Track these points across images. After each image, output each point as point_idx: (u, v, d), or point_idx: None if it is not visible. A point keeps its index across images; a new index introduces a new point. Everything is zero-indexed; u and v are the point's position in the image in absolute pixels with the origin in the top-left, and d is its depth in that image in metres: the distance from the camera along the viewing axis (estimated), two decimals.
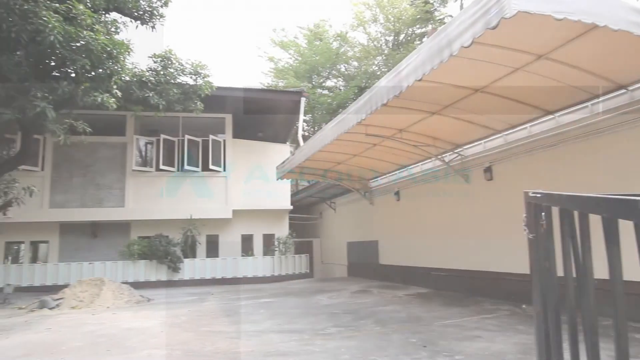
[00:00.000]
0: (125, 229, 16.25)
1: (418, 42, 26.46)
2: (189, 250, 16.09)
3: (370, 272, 15.24)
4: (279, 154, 17.30)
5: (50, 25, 9.19)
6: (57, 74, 10.94)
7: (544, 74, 6.11)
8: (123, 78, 12.17)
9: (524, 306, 7.72)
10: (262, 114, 18.05)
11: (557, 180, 7.62)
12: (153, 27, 13.55)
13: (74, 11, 9.80)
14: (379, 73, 27.39)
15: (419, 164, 11.73)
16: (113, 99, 11.27)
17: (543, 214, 2.15)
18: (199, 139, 16.62)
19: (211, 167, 16.46)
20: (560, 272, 2.07)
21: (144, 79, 13.55)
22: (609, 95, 6.62)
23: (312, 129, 30.12)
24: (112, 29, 12.24)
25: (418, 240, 12.19)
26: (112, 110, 11.67)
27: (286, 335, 6.20)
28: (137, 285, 13.13)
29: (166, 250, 15.34)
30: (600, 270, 1.82)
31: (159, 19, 13.60)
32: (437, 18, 25.94)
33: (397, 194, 13.25)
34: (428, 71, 5.07)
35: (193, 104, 14.32)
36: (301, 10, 54.11)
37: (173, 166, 16.30)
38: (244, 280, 15.89)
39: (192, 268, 15.77)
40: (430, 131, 9.25)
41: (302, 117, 17.76)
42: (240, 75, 55.93)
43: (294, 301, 10.15)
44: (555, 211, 2.06)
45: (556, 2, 3.90)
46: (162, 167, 16.10)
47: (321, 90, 30.14)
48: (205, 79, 14.51)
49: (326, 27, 30.30)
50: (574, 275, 1.92)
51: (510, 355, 4.70)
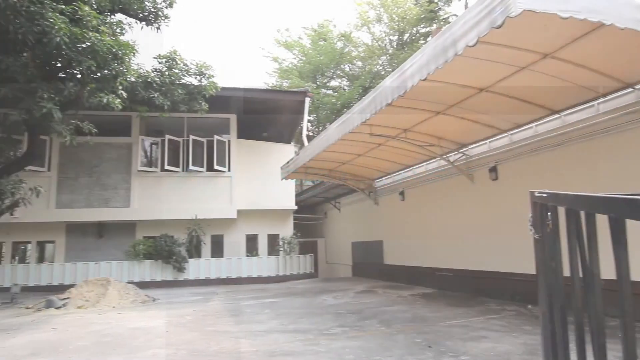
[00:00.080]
0: (130, 229, 16.34)
1: (422, 42, 26.40)
2: (194, 250, 16.16)
3: (374, 272, 15.22)
4: (283, 154, 17.32)
5: (56, 27, 9.26)
6: (63, 75, 11.02)
7: (550, 73, 6.08)
8: (128, 79, 12.23)
9: (529, 306, 7.69)
10: (267, 114, 18.09)
11: (563, 179, 7.57)
12: (158, 28, 13.64)
13: (79, 13, 9.87)
14: (383, 73, 27.35)
15: (424, 163, 11.70)
16: (118, 100, 11.35)
17: (549, 213, 2.14)
18: (204, 140, 16.68)
19: (216, 167, 16.51)
20: (566, 273, 2.06)
21: (149, 80, 13.63)
22: (616, 94, 6.57)
23: (317, 129, 30.13)
24: (118, 30, 12.32)
25: (423, 240, 12.16)
26: (117, 111, 11.77)
27: (291, 335, 6.21)
28: (142, 285, 13.19)
29: (171, 250, 15.41)
30: (607, 270, 1.81)
31: (164, 20, 13.69)
32: (442, 17, 25.87)
33: (401, 194, 13.23)
34: (433, 71, 5.06)
35: (198, 105, 14.39)
36: (305, 10, 54.17)
37: (178, 166, 16.38)
38: (248, 280, 15.93)
39: (197, 268, 15.82)
40: (435, 131, 9.22)
41: (306, 117, 17.76)
42: (245, 75, 56.14)
43: (298, 301, 10.16)
44: (561, 211, 2.05)
45: (562, 1, 3.88)
46: (167, 167, 16.17)
47: (325, 90, 30.14)
48: (210, 80, 14.57)
49: (330, 27, 30.30)
50: (581, 275, 1.91)
51: (516, 356, 4.68)
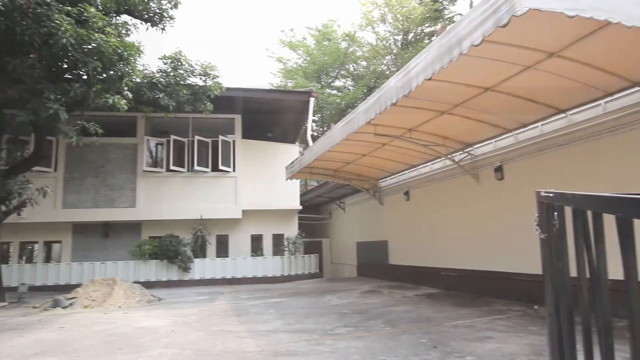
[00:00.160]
0: (136, 229, 16.42)
1: (427, 41, 26.31)
2: (199, 250, 16.22)
3: (379, 272, 15.20)
4: (288, 154, 17.35)
5: (62, 29, 9.34)
6: (69, 76, 11.11)
7: (556, 72, 6.03)
8: (134, 80, 12.31)
9: (536, 307, 7.64)
10: (271, 114, 18.13)
11: (569, 179, 7.52)
12: (163, 29, 13.70)
13: (85, 14, 9.95)
14: (387, 73, 27.31)
15: (429, 163, 11.67)
16: (124, 101, 11.42)
17: (555, 213, 2.13)
18: (209, 140, 16.73)
19: (221, 167, 16.56)
20: (573, 273, 2.04)
21: (154, 81, 13.70)
22: (623, 93, 6.51)
23: (321, 129, 30.13)
24: (123, 31, 12.39)
25: (428, 240, 12.13)
26: (123, 112, 11.84)
27: (296, 334, 6.21)
28: (148, 285, 13.25)
29: (177, 250, 15.48)
30: (615, 270, 1.80)
31: (169, 21, 13.76)
32: (446, 16, 25.80)
33: (406, 193, 13.20)
34: (438, 70, 5.04)
35: (203, 105, 14.44)
36: (309, 10, 54.19)
37: (183, 167, 16.44)
38: (253, 280, 15.96)
39: (202, 268, 15.88)
40: (440, 130, 9.19)
41: (310, 117, 17.78)
42: (249, 75, 56.21)
43: (303, 301, 10.16)
44: (567, 211, 2.04)
45: None
46: (172, 167, 16.24)
47: (330, 90, 30.14)
48: (215, 80, 14.62)
49: (334, 27, 30.30)
50: (588, 275, 1.90)
51: (522, 357, 4.65)
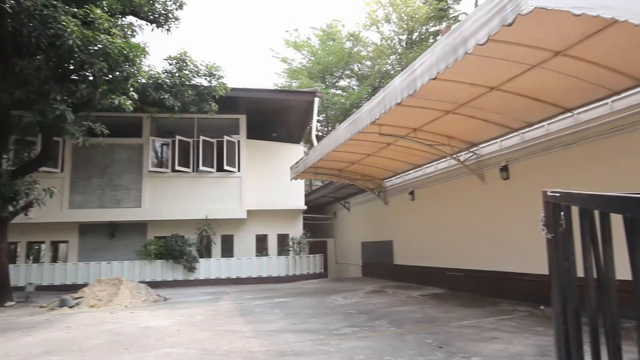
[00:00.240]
0: (142, 229, 16.50)
1: (432, 41, 26.25)
2: (205, 250, 16.28)
3: (384, 273, 15.17)
4: (292, 154, 17.36)
5: (69, 30, 9.41)
6: (75, 77, 11.18)
7: (562, 71, 5.99)
8: (139, 80, 12.38)
9: (542, 307, 7.60)
10: (276, 114, 18.15)
11: (576, 179, 7.47)
12: (168, 30, 13.78)
13: (91, 15, 10.02)
14: (392, 72, 27.26)
15: (434, 163, 11.64)
16: (130, 101, 11.49)
17: (562, 213, 2.12)
18: (214, 140, 16.78)
19: (226, 167, 16.60)
20: (579, 273, 2.03)
21: (159, 81, 13.77)
22: (630, 92, 6.46)
23: (326, 128, 30.14)
24: (129, 33, 12.48)
25: (433, 240, 12.09)
26: (128, 112, 11.91)
27: (301, 334, 6.22)
28: (153, 285, 13.32)
29: (182, 250, 15.54)
30: (622, 270, 1.78)
31: (174, 22, 13.83)
32: (451, 16, 25.69)
33: (411, 193, 13.17)
34: (443, 69, 5.02)
35: (208, 105, 14.50)
36: (314, 10, 54.20)
37: (188, 167, 16.50)
38: (258, 280, 15.99)
39: (208, 268, 15.93)
40: (445, 130, 9.16)
41: (315, 117, 17.79)
42: (254, 76, 56.38)
43: (308, 301, 10.17)
44: (574, 211, 2.03)
45: None
46: (177, 167, 16.31)
47: (334, 90, 30.13)
48: (220, 80, 14.68)
49: (339, 27, 30.30)
50: (595, 276, 1.88)
51: (528, 357, 4.62)
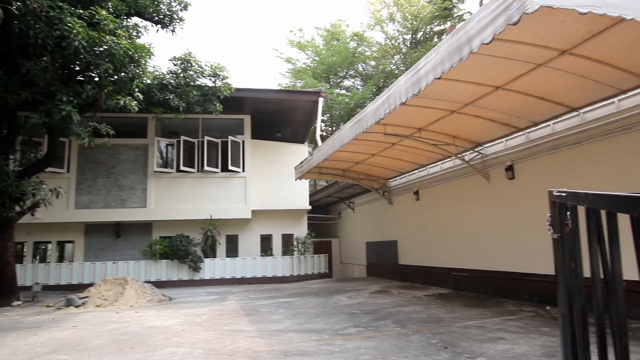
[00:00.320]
0: (147, 229, 16.58)
1: (436, 40, 26.18)
2: (209, 250, 16.32)
3: (389, 273, 15.14)
4: (297, 154, 17.39)
5: (74, 31, 9.47)
6: (81, 78, 11.25)
7: (568, 70, 5.96)
8: (144, 81, 12.44)
9: (548, 308, 7.56)
10: (280, 114, 18.18)
11: (582, 178, 7.42)
12: (173, 31, 13.84)
13: (97, 17, 10.08)
14: (397, 72, 27.21)
15: (439, 163, 11.60)
16: (135, 102, 11.55)
17: (568, 213, 2.10)
18: (218, 140, 16.83)
19: (230, 167, 16.64)
20: (586, 273, 2.01)
21: (164, 82, 13.84)
22: (637, 91, 6.40)
23: (330, 128, 30.14)
24: (134, 34, 12.55)
25: (438, 240, 12.05)
26: (133, 113, 11.98)
27: (306, 334, 6.22)
28: (159, 284, 13.38)
29: (187, 250, 15.61)
30: (630, 271, 1.77)
31: (179, 23, 13.90)
32: (456, 15, 25.64)
33: (416, 193, 13.13)
34: (447, 69, 5.01)
35: (212, 106, 14.55)
36: (318, 10, 54.20)
37: (193, 167, 16.56)
38: (263, 280, 16.02)
39: (213, 267, 15.98)
40: (450, 130, 9.13)
41: (320, 117, 17.78)
42: (258, 76, 56.45)
43: (313, 301, 10.17)
44: (581, 210, 2.01)
45: None
46: (182, 168, 16.37)
47: (339, 90, 30.12)
48: (224, 81, 14.73)
49: (343, 27, 30.29)
50: (602, 276, 1.87)
51: (534, 358, 4.60)
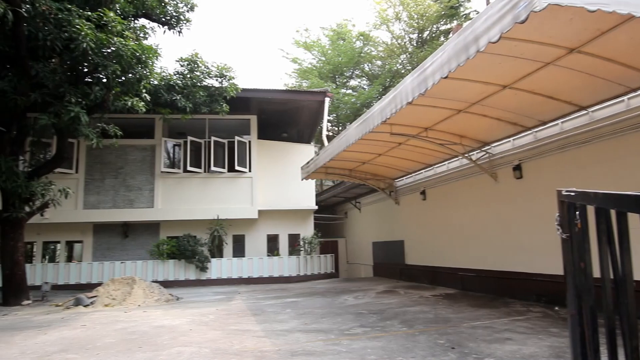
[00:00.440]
0: (154, 229, 16.68)
1: (443, 39, 26.06)
2: (216, 250, 16.39)
3: (396, 273, 15.11)
4: (303, 154, 17.39)
5: (82, 33, 9.56)
6: (89, 79, 11.35)
7: (576, 68, 5.90)
8: (151, 82, 12.52)
9: (556, 308, 7.50)
10: (287, 114, 18.20)
11: (591, 178, 7.34)
12: (180, 32, 13.91)
13: (104, 18, 10.16)
14: (403, 72, 27.14)
15: (446, 162, 11.55)
16: (142, 103, 11.62)
17: (577, 213, 2.09)
18: (225, 141, 16.89)
19: (237, 168, 16.69)
20: (595, 273, 1.99)
21: (171, 83, 13.92)
22: None
23: (337, 128, 30.12)
24: (141, 35, 12.63)
25: (445, 240, 12.00)
26: (141, 114, 12.06)
27: (312, 334, 6.22)
28: (166, 284, 13.46)
29: (194, 250, 15.68)
30: (639, 271, 1.75)
31: (186, 24, 13.97)
32: (462, 14, 25.51)
33: (423, 193, 13.09)
34: (454, 68, 4.98)
35: (219, 106, 14.61)
36: (324, 10, 54.21)
37: (200, 167, 16.63)
38: (269, 280, 16.05)
39: (219, 267, 16.04)
40: (456, 129, 9.09)
41: (326, 117, 17.77)
42: (265, 76, 56.58)
43: (319, 301, 10.17)
44: (590, 210, 2.00)
45: None
46: (189, 168, 16.45)
47: (345, 90, 30.09)
48: (231, 81, 14.78)
49: (349, 27, 30.24)
50: (612, 276, 1.85)
51: (542, 359, 4.56)
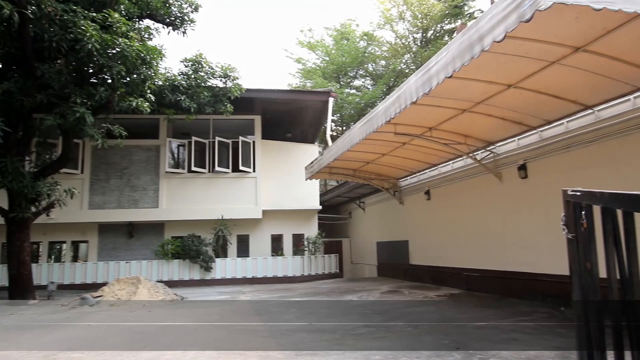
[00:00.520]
0: (159, 229, 16.75)
1: (447, 39, 25.98)
2: (221, 249, 16.44)
3: (400, 273, 15.08)
4: (307, 154, 17.38)
5: (88, 34, 9.62)
6: (94, 80, 11.42)
7: (582, 67, 5.86)
8: (156, 83, 12.57)
9: (562, 308, 7.45)
10: (291, 114, 18.21)
11: (597, 177, 7.30)
12: (184, 33, 13.96)
13: (109, 20, 10.21)
14: (407, 71, 27.07)
15: (450, 162, 11.51)
16: (147, 103, 11.68)
17: (583, 212, 2.07)
18: (229, 141, 16.92)
19: (241, 168, 16.71)
20: (602, 274, 1.98)
21: (175, 83, 13.97)
22: None
23: (340, 128, 30.09)
24: (146, 36, 12.68)
25: (449, 240, 11.96)
26: (145, 114, 12.11)
27: (317, 334, 6.22)
28: (171, 284, 13.50)
29: (198, 249, 15.73)
30: None
31: (190, 24, 14.01)
32: (467, 13, 25.41)
33: (427, 193, 13.05)
34: (458, 67, 4.96)
35: (223, 106, 14.64)
36: (328, 10, 54.19)
37: (204, 168, 16.67)
38: (274, 280, 16.07)
39: (224, 267, 16.07)
40: (461, 129, 9.06)
41: (330, 117, 17.76)
42: (269, 76, 56.58)
43: (324, 301, 10.17)
44: (596, 210, 1.98)
45: None
46: (193, 168, 16.50)
47: (349, 90, 30.05)
48: (235, 82, 14.80)
49: (353, 27, 30.20)
50: (618, 276, 1.84)
51: None
